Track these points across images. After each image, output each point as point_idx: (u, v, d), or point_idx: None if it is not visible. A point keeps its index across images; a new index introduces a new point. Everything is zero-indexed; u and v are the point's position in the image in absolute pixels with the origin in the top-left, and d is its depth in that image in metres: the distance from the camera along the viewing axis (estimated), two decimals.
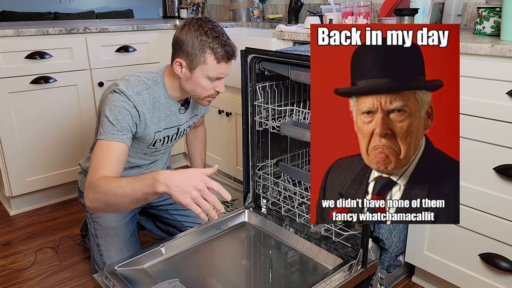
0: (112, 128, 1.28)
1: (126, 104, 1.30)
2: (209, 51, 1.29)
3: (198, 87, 1.35)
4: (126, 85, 1.34)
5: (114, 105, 1.29)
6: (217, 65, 1.31)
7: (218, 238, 1.57)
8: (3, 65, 1.91)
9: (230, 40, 1.34)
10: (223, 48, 1.30)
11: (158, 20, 3.01)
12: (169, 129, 1.47)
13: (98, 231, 1.51)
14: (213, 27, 1.31)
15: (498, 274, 1.29)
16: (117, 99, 1.30)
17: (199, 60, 1.30)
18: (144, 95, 1.35)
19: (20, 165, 2.05)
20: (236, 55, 1.36)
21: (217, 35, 1.30)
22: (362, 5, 1.62)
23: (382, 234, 1.38)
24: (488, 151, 1.24)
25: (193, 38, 1.29)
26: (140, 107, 1.33)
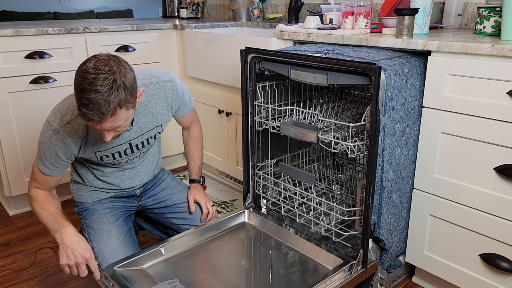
0: (42, 162, 1.40)
1: (54, 139, 1.34)
2: (77, 97, 1.15)
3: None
4: (57, 115, 1.33)
5: (44, 139, 1.36)
6: (89, 122, 1.19)
7: (218, 239, 1.57)
8: (2, 65, 1.91)
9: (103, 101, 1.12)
10: (84, 106, 1.13)
11: (158, 20, 3.01)
12: (116, 147, 1.43)
13: (91, 235, 1.51)
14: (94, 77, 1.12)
15: (498, 274, 1.29)
16: (46, 132, 1.35)
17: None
18: (74, 123, 1.32)
19: (19, 165, 2.05)
20: (103, 119, 1.15)
21: (87, 87, 1.11)
22: (362, 4, 1.62)
23: (382, 235, 1.38)
24: (488, 151, 1.24)
25: (76, 74, 1.15)
26: (69, 139, 1.34)
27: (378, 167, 1.29)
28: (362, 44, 1.49)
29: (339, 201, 1.73)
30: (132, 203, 1.65)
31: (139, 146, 1.51)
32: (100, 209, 1.56)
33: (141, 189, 1.66)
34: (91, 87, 1.11)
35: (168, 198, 1.68)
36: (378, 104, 1.20)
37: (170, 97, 1.50)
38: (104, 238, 1.49)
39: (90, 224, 1.53)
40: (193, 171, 1.75)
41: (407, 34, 1.39)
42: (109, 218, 1.54)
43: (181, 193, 1.71)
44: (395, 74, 1.25)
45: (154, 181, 1.70)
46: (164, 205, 1.68)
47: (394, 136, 1.30)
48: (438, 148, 1.34)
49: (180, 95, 1.54)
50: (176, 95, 1.52)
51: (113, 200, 1.60)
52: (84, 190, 1.58)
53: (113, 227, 1.53)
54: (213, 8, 3.13)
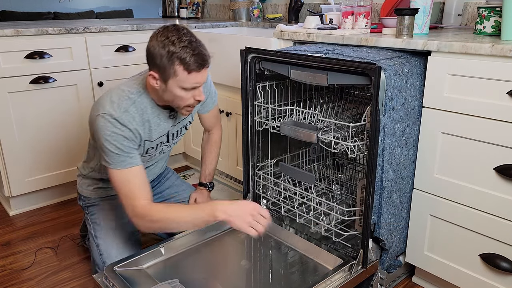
0: (119, 157, 1.29)
1: (118, 129, 1.29)
2: (177, 62, 1.22)
3: (176, 97, 1.30)
4: (111, 106, 1.30)
5: (108, 135, 1.29)
6: (188, 75, 1.24)
7: (218, 239, 1.57)
8: (2, 65, 1.91)
9: (201, 47, 1.25)
10: (191, 57, 1.22)
11: (158, 19, 3.01)
12: (161, 137, 1.46)
13: (97, 232, 1.51)
14: (180, 36, 1.23)
15: (498, 274, 1.29)
16: (108, 127, 1.29)
17: (169, 72, 1.24)
18: (131, 111, 1.33)
19: (19, 165, 2.05)
20: (209, 61, 1.28)
21: (185, 44, 1.22)
22: (362, 4, 1.62)
23: (382, 235, 1.38)
24: (488, 151, 1.24)
25: (160, 50, 1.23)
26: (130, 125, 1.32)
27: (378, 167, 1.29)
28: (362, 44, 1.49)
29: (339, 201, 1.73)
30: None
31: (174, 136, 1.53)
32: (107, 206, 1.56)
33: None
34: (190, 39, 1.24)
35: (173, 197, 1.70)
36: (378, 104, 1.20)
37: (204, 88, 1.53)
38: (110, 236, 1.49)
39: (96, 220, 1.53)
40: (203, 175, 1.75)
41: (407, 34, 1.39)
42: (116, 216, 1.54)
43: (185, 192, 1.73)
44: (395, 74, 1.25)
45: (159, 179, 1.71)
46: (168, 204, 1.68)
47: (394, 136, 1.30)
48: (438, 148, 1.34)
49: (209, 84, 1.58)
50: (208, 83, 1.56)
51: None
52: (93, 185, 1.57)
53: (120, 225, 1.53)
54: (213, 8, 3.13)
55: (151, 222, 1.29)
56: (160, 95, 1.33)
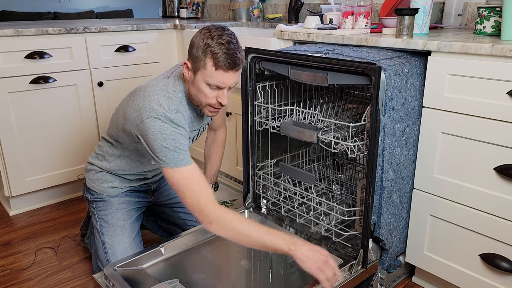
0: (178, 155, 1.28)
1: (175, 129, 1.29)
2: (210, 55, 1.25)
3: (200, 92, 1.31)
4: (162, 107, 1.30)
5: (166, 134, 1.27)
6: (215, 71, 1.25)
7: (218, 238, 1.57)
8: (2, 65, 1.91)
9: (236, 50, 1.26)
10: (224, 55, 1.24)
11: (158, 19, 3.01)
12: (193, 132, 1.48)
13: (104, 229, 1.51)
14: (222, 34, 1.26)
15: (498, 274, 1.29)
16: (166, 127, 1.28)
17: (200, 63, 1.26)
18: (181, 110, 1.34)
19: (19, 165, 2.05)
20: (239, 67, 1.28)
21: (223, 42, 1.25)
22: (362, 4, 1.62)
23: (382, 235, 1.38)
24: (488, 151, 1.24)
25: (199, 41, 1.27)
26: (184, 124, 1.33)
27: (378, 167, 1.29)
28: (362, 44, 1.49)
29: (339, 201, 1.73)
30: (146, 198, 1.66)
31: (201, 132, 1.55)
32: (117, 203, 1.55)
33: (156, 184, 1.68)
34: (231, 40, 1.26)
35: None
36: (378, 104, 1.20)
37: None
38: (117, 234, 1.49)
39: (104, 217, 1.53)
40: (208, 175, 1.76)
41: (407, 34, 1.39)
42: (124, 215, 1.54)
43: None
44: (395, 74, 1.25)
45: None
46: (174, 201, 1.70)
47: (394, 136, 1.30)
48: (438, 148, 1.34)
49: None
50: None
51: (129, 195, 1.60)
52: (107, 183, 1.56)
53: (127, 224, 1.53)
54: (213, 8, 3.13)
55: (224, 229, 1.27)
56: (189, 88, 1.35)
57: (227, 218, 1.26)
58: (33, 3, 5.51)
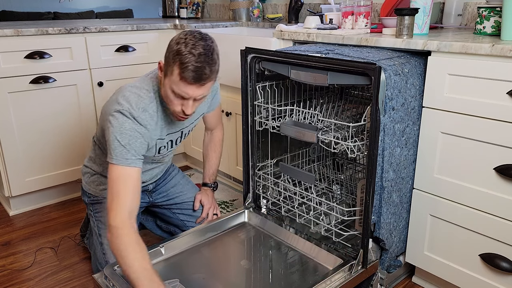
0: (126, 153, 1.27)
1: (136, 126, 1.28)
2: (178, 63, 1.21)
3: (166, 97, 1.29)
4: (130, 104, 1.29)
5: (125, 128, 1.27)
6: (179, 81, 1.22)
7: (218, 238, 1.57)
8: (2, 65, 1.91)
9: (207, 66, 1.21)
10: (191, 67, 1.20)
11: (158, 20, 3.01)
12: (172, 134, 1.47)
13: (101, 230, 1.51)
14: (197, 44, 1.21)
15: (498, 274, 1.29)
16: (125, 122, 1.27)
17: (169, 68, 1.23)
18: (149, 110, 1.33)
19: (19, 165, 2.05)
20: (205, 82, 1.24)
21: (195, 53, 1.20)
22: (362, 4, 1.62)
23: (382, 235, 1.38)
24: (488, 151, 1.24)
25: (174, 44, 1.23)
26: (148, 125, 1.32)
27: (378, 167, 1.29)
28: (362, 44, 1.49)
29: (339, 201, 1.73)
30: (143, 199, 1.66)
31: (185, 135, 1.54)
32: None
33: (153, 184, 1.68)
34: (204, 52, 1.21)
35: (178, 196, 1.71)
36: (378, 104, 1.20)
37: (213, 90, 1.54)
38: None
39: (101, 219, 1.53)
40: (207, 174, 1.76)
41: (407, 34, 1.39)
42: None
43: (190, 192, 1.73)
44: (395, 74, 1.25)
45: (164, 176, 1.72)
46: (173, 202, 1.70)
47: (394, 136, 1.30)
48: (438, 148, 1.34)
49: (217, 84, 1.57)
50: (217, 90, 1.57)
51: None
52: (102, 185, 1.56)
53: None
54: (213, 8, 3.13)
55: (115, 242, 1.21)
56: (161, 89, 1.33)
57: (123, 240, 1.19)
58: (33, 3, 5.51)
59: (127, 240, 1.20)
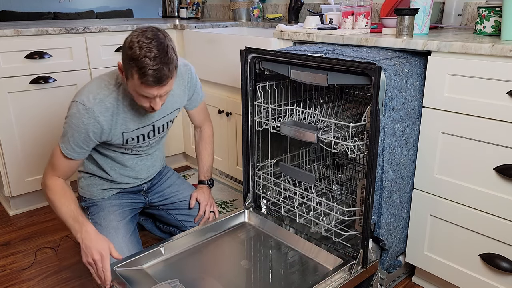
0: (67, 144, 1.37)
1: (86, 118, 1.33)
2: (135, 68, 1.21)
3: (134, 97, 1.33)
4: (88, 95, 1.34)
5: (73, 120, 1.34)
6: (140, 85, 1.24)
7: (218, 238, 1.57)
8: (2, 65, 1.91)
9: (164, 67, 1.22)
10: (149, 71, 1.20)
11: (158, 20, 3.01)
12: (141, 128, 1.47)
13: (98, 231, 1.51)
14: (150, 46, 1.20)
15: (498, 274, 1.29)
16: (76, 112, 1.33)
17: (128, 72, 1.25)
18: (106, 102, 1.35)
19: (19, 165, 2.05)
20: (166, 82, 1.25)
21: (150, 56, 1.20)
22: (362, 4, 1.62)
23: (382, 235, 1.38)
24: (488, 151, 1.24)
25: (128, 49, 1.22)
26: (101, 117, 1.35)
27: (378, 167, 1.29)
28: (362, 44, 1.49)
29: (339, 201, 1.73)
30: (139, 199, 1.66)
31: (160, 130, 1.54)
32: (109, 206, 1.56)
33: (148, 183, 1.68)
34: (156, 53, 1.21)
35: (174, 195, 1.70)
36: (378, 104, 1.20)
37: (186, 80, 1.56)
38: (111, 235, 1.49)
39: (97, 220, 1.54)
40: (201, 172, 1.76)
41: (407, 34, 1.39)
42: (117, 216, 1.55)
43: (186, 190, 1.73)
44: (395, 74, 1.25)
45: (159, 177, 1.72)
46: (169, 202, 1.70)
47: (394, 136, 1.30)
48: (438, 148, 1.34)
49: (194, 80, 1.59)
50: (191, 79, 1.57)
51: (121, 197, 1.61)
52: (96, 186, 1.58)
53: (121, 225, 1.53)
54: (213, 8, 3.13)
55: (48, 192, 1.40)
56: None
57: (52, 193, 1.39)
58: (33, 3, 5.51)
59: (54, 193, 1.39)
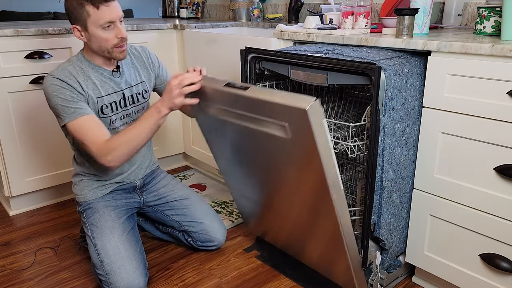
0: (68, 109, 1.40)
1: (59, 83, 1.40)
2: (85, 2, 1.35)
3: (101, 41, 1.41)
4: (52, 71, 1.44)
5: (53, 90, 1.40)
6: (98, 11, 1.36)
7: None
8: (2, 65, 1.91)
9: None
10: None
11: (158, 20, 3.01)
12: (112, 94, 1.52)
13: (94, 232, 1.52)
14: None
15: (498, 274, 1.29)
16: (51, 84, 1.41)
17: (83, 16, 1.37)
18: (69, 69, 1.44)
19: (19, 165, 2.05)
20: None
21: None
22: (362, 4, 1.62)
23: (382, 234, 1.38)
24: (488, 151, 1.24)
25: (72, 1, 1.37)
26: (70, 80, 1.42)
27: (378, 167, 1.29)
28: (362, 44, 1.49)
29: None
30: (134, 199, 1.66)
31: (130, 101, 1.58)
32: (103, 207, 1.57)
33: (141, 180, 1.68)
34: None
35: (169, 195, 1.71)
36: (378, 104, 1.20)
37: (144, 56, 1.65)
38: (107, 235, 1.49)
39: (93, 222, 1.54)
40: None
41: (407, 34, 1.39)
42: (112, 216, 1.55)
43: (181, 190, 1.73)
44: (395, 74, 1.25)
45: (153, 176, 1.73)
46: (164, 201, 1.71)
47: (394, 136, 1.30)
48: (438, 148, 1.35)
49: (154, 58, 1.68)
50: (149, 55, 1.67)
51: (115, 197, 1.61)
52: (88, 187, 1.59)
53: (116, 224, 1.53)
54: (213, 8, 3.13)
55: (114, 150, 1.38)
56: (90, 47, 1.46)
57: (113, 144, 1.38)
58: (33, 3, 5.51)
59: (111, 140, 1.39)
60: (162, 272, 1.66)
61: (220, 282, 1.60)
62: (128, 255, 1.47)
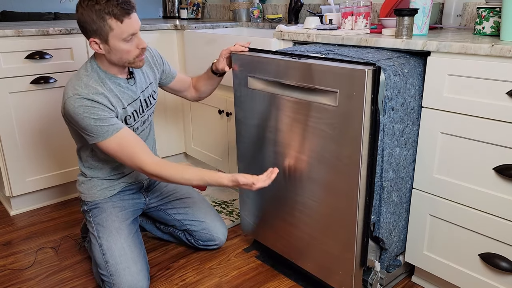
0: (101, 128, 1.36)
1: (88, 102, 1.36)
2: (107, 16, 1.31)
3: (123, 53, 1.38)
4: (74, 88, 1.37)
5: (82, 111, 1.35)
6: (122, 25, 1.33)
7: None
8: (3, 65, 1.92)
9: None
10: (117, 7, 1.30)
11: (158, 20, 3.01)
12: (132, 104, 1.51)
13: (100, 232, 1.51)
14: None
15: (498, 274, 1.30)
16: (78, 105, 1.35)
17: (105, 29, 1.32)
18: (92, 84, 1.40)
19: (20, 165, 2.05)
20: (134, 5, 1.37)
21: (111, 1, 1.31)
22: (362, 5, 1.63)
23: (382, 234, 1.38)
24: (487, 151, 1.24)
25: (89, 14, 1.31)
26: (96, 96, 1.38)
27: (378, 167, 1.30)
28: (362, 45, 1.49)
29: None
30: (140, 199, 1.67)
31: (145, 105, 1.57)
32: (111, 208, 1.57)
33: (147, 180, 1.69)
34: None
35: (172, 194, 1.72)
36: (377, 104, 1.20)
37: (149, 56, 1.63)
38: (114, 235, 1.50)
39: (100, 221, 1.54)
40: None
41: (407, 34, 1.40)
42: (119, 217, 1.55)
43: (184, 188, 1.74)
44: (395, 74, 1.26)
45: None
46: (167, 201, 1.72)
47: (393, 136, 1.30)
48: (438, 148, 1.35)
49: (157, 55, 1.65)
50: (153, 53, 1.65)
51: (123, 198, 1.61)
52: (96, 187, 1.58)
53: (123, 226, 1.54)
54: (213, 8, 3.14)
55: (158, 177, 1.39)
56: (108, 59, 1.41)
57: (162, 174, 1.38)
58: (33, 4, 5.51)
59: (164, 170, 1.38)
60: (162, 272, 1.67)
61: (220, 281, 1.60)
62: (133, 257, 1.47)
